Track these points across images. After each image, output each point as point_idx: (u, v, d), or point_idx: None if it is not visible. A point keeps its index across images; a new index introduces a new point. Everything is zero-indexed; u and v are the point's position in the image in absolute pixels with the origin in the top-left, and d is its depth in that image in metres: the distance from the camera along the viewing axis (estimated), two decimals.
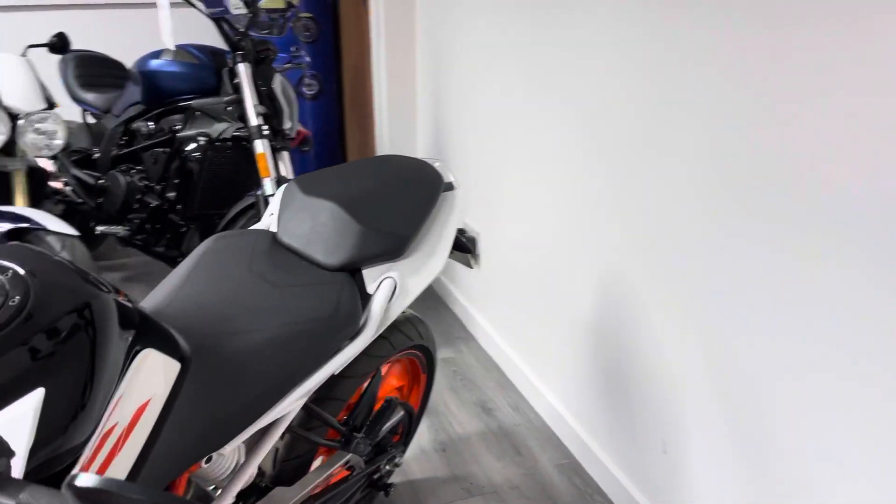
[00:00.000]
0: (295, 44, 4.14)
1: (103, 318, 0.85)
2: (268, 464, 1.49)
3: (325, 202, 1.35)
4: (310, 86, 4.17)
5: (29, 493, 0.57)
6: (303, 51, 4.13)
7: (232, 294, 1.20)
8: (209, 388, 1.06)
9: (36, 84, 2.57)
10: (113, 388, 0.85)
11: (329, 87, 4.23)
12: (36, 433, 0.74)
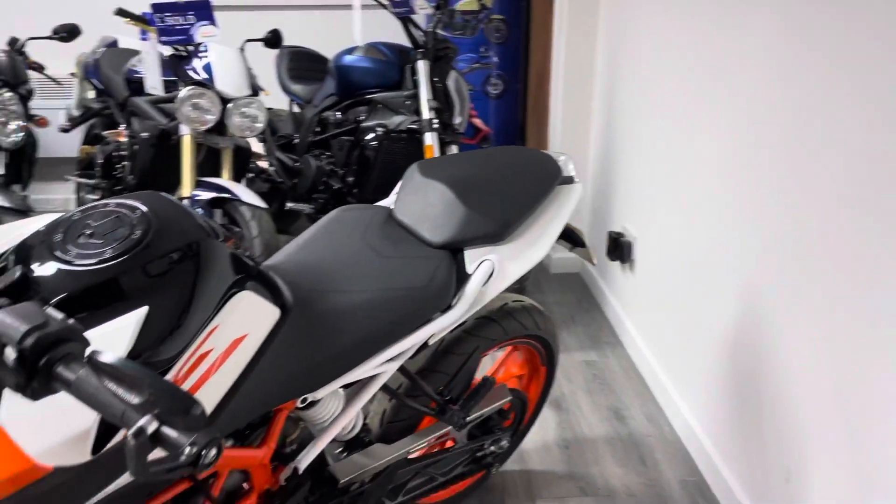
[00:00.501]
0: (484, 44, 4.29)
1: (207, 257, 1.01)
2: (375, 423, 1.62)
3: (438, 184, 1.44)
4: (495, 85, 4.31)
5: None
6: (491, 51, 4.28)
7: (341, 258, 1.33)
8: (305, 336, 1.19)
9: (245, 73, 2.94)
10: (208, 318, 1.00)
11: (513, 87, 4.33)
12: (134, 343, 0.90)
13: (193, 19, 2.89)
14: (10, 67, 3.06)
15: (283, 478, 1.34)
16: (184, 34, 2.88)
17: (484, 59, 4.28)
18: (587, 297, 3.35)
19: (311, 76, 3.87)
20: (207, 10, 2.91)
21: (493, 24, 4.29)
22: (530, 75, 4.38)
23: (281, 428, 1.30)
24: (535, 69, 4.32)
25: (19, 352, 0.65)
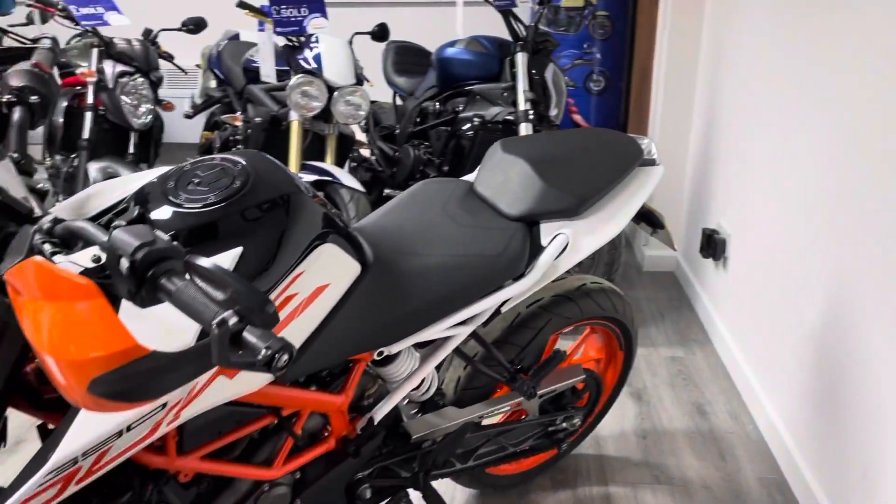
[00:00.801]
0: (588, 41, 4.30)
1: (297, 209, 1.12)
2: (450, 390, 1.70)
3: (518, 160, 1.50)
4: (597, 82, 4.30)
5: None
6: (594, 48, 4.28)
7: (420, 224, 1.42)
8: (382, 293, 1.29)
9: (351, 64, 3.09)
10: (294, 264, 1.11)
11: (616, 84, 4.32)
12: None
13: (306, 11, 3.07)
14: (143, 55, 3.35)
15: (360, 427, 1.44)
16: (297, 25, 3.06)
17: (587, 55, 4.29)
18: (679, 295, 3.31)
19: (415, 70, 4.00)
20: (320, 3, 3.08)
21: (597, 21, 4.29)
22: (633, 72, 4.35)
23: (359, 379, 1.39)
24: (638, 66, 4.28)
25: (131, 263, 0.76)
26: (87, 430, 0.93)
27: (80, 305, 0.76)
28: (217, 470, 1.21)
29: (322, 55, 3.05)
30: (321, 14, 3.10)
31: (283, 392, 1.25)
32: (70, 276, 0.78)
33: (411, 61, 4.05)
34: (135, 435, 0.99)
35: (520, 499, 2.00)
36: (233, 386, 1.10)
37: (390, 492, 1.54)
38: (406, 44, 4.14)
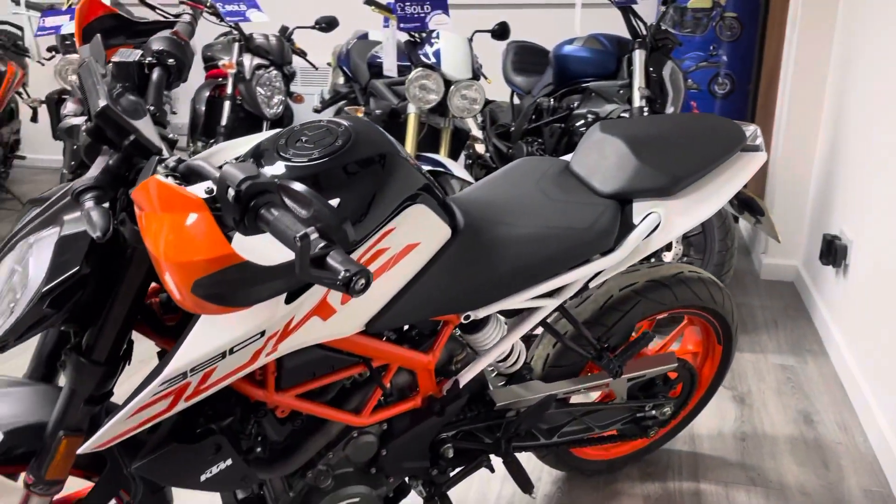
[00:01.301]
0: (714, 42, 4.19)
1: (392, 168, 1.20)
2: (538, 366, 1.74)
3: (614, 139, 1.53)
4: (722, 85, 4.18)
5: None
6: (720, 50, 4.16)
7: (513, 197, 1.48)
8: (470, 257, 1.35)
9: (469, 59, 3.18)
10: (386, 219, 1.19)
11: (742, 87, 4.18)
12: None
13: (429, 8, 3.20)
14: (278, 50, 3.60)
15: (445, 389, 1.51)
16: (419, 22, 3.19)
17: (712, 57, 4.18)
18: (796, 305, 3.17)
19: (533, 69, 4.05)
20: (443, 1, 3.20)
21: (725, 22, 4.17)
22: (762, 76, 4.19)
23: (446, 341, 1.46)
24: (767, 69, 4.13)
25: (236, 192, 0.87)
26: (196, 347, 1.05)
27: (190, 217, 0.88)
28: (310, 410, 1.31)
29: (441, 50, 3.16)
30: (443, 11, 3.21)
31: (373, 344, 1.34)
32: (183, 191, 0.90)
33: (530, 60, 4.11)
34: (237, 360, 1.10)
35: (606, 486, 2.00)
36: (325, 327, 1.19)
37: (472, 455, 1.59)
38: (526, 43, 4.19)
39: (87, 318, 1.12)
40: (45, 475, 1.17)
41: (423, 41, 3.22)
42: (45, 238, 1.07)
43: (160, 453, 1.17)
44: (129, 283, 1.08)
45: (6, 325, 1.06)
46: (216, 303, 0.87)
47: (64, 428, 1.15)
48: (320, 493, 1.42)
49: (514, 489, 1.98)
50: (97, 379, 1.12)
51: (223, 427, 1.22)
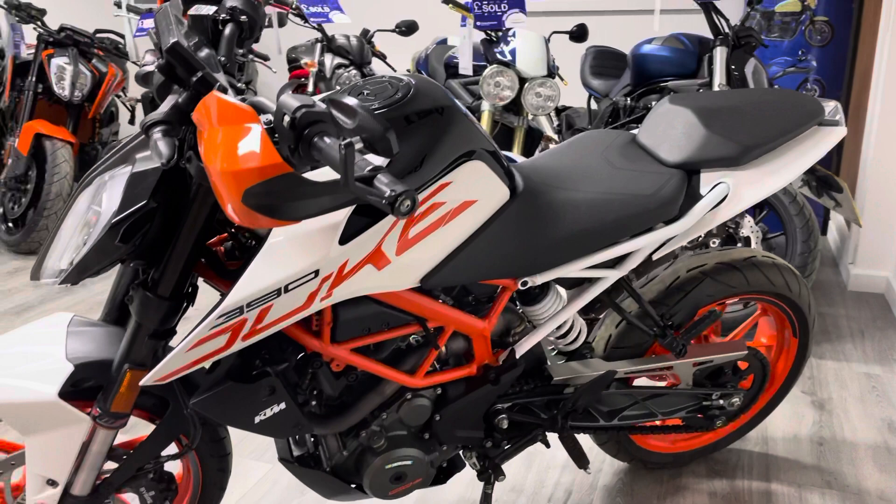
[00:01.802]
0: (803, 47, 4.05)
1: (450, 122, 1.21)
2: (600, 347, 1.70)
3: (683, 109, 1.49)
4: (811, 91, 4.03)
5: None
6: (810, 55, 4.02)
7: (576, 166, 1.46)
8: (528, 221, 1.34)
9: (545, 57, 3.19)
10: (443, 171, 1.20)
11: (832, 93, 4.01)
12: None
13: (506, 7, 3.22)
14: (359, 51, 3.69)
15: (501, 359, 1.49)
16: (496, 20, 3.22)
17: (801, 63, 4.04)
18: (885, 316, 2.99)
19: (611, 72, 4.01)
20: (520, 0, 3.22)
21: (815, 26, 4.03)
22: (854, 82, 4.02)
23: (503, 307, 1.45)
24: (859, 75, 3.95)
25: (291, 119, 0.90)
26: (254, 282, 1.08)
27: (243, 128, 0.91)
28: (364, 366, 1.33)
29: (517, 48, 3.18)
30: (520, 9, 3.23)
31: (429, 304, 1.34)
32: (237, 103, 0.93)
33: (608, 64, 4.07)
34: (292, 300, 1.12)
35: (669, 480, 1.93)
36: (380, 278, 1.21)
37: (528, 428, 1.57)
38: (604, 48, 4.16)
39: (154, 255, 1.17)
40: (110, 407, 1.22)
41: (500, 39, 3.24)
42: (118, 175, 1.13)
43: (217, 391, 1.20)
44: (193, 220, 1.12)
45: (79, 257, 1.12)
46: (266, 214, 0.90)
47: (129, 361, 1.20)
48: (373, 452, 1.42)
49: (573, 477, 1.94)
50: (162, 314, 1.17)
51: (278, 371, 1.25)
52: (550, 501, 1.85)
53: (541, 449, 2.05)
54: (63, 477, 1.27)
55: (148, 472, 1.36)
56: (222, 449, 1.47)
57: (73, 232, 1.16)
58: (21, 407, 1.20)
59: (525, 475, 1.95)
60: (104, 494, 1.33)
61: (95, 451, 1.27)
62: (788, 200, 2.69)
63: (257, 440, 2.11)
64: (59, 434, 1.23)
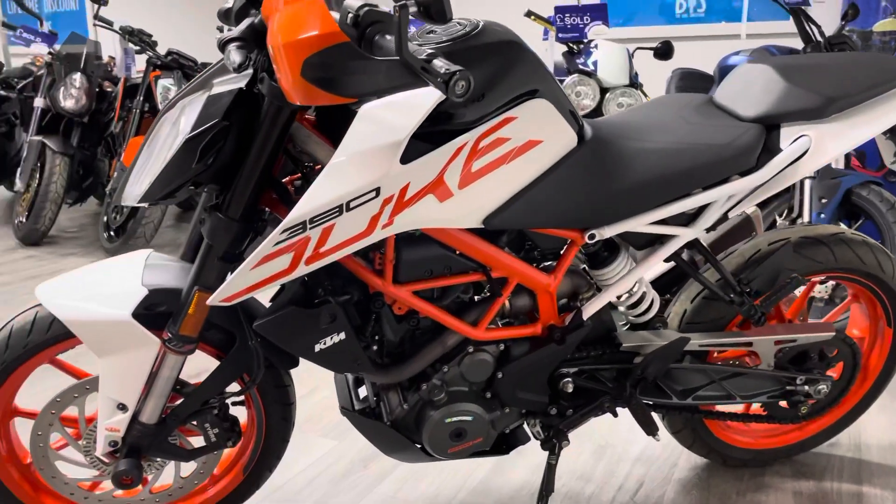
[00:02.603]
0: None
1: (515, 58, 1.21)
2: (674, 322, 1.63)
3: (762, 66, 1.45)
4: None
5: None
6: None
7: (649, 120, 1.43)
8: (595, 169, 1.32)
9: (626, 67, 3.18)
10: (506, 104, 1.20)
11: None
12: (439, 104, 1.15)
13: (588, 19, 3.24)
14: None
15: (567, 320, 1.45)
16: (578, 32, 3.24)
17: None
18: None
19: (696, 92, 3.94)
20: (603, 12, 3.23)
21: None
22: None
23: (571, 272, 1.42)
24: None
25: (354, 16, 0.93)
26: (317, 197, 1.10)
27: (304, 5, 0.95)
28: (426, 310, 1.32)
29: (599, 59, 3.18)
30: (602, 21, 3.24)
31: (493, 252, 1.33)
32: None
33: (694, 85, 4.00)
34: (353, 223, 1.13)
35: (750, 477, 1.81)
36: (442, 210, 1.21)
37: (594, 396, 1.51)
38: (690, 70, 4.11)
39: (226, 179, 1.22)
40: (179, 330, 1.26)
41: (581, 51, 3.26)
42: (195, 100, 1.18)
43: (280, 314, 1.22)
44: (263, 140, 1.16)
45: (155, 175, 1.18)
46: (324, 87, 0.92)
47: (199, 284, 1.24)
48: (433, 406, 1.40)
49: (646, 470, 1.85)
50: (231, 235, 1.21)
51: (340, 302, 1.26)
52: (620, 491, 1.77)
53: (612, 441, 1.97)
54: (132, 401, 1.31)
55: (213, 407, 1.38)
56: (286, 397, 1.49)
57: (152, 156, 1.22)
58: (97, 326, 1.25)
59: (594, 465, 1.87)
60: (171, 425, 1.36)
61: (164, 376, 1.31)
62: (886, 208, 2.54)
63: (325, 419, 2.12)
64: (130, 356, 1.27)
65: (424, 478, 1.82)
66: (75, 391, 1.35)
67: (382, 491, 1.77)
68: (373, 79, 0.95)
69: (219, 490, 1.54)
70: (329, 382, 2.38)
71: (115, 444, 1.33)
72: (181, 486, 1.49)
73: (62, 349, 1.33)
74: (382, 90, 0.98)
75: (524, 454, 1.90)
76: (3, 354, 1.30)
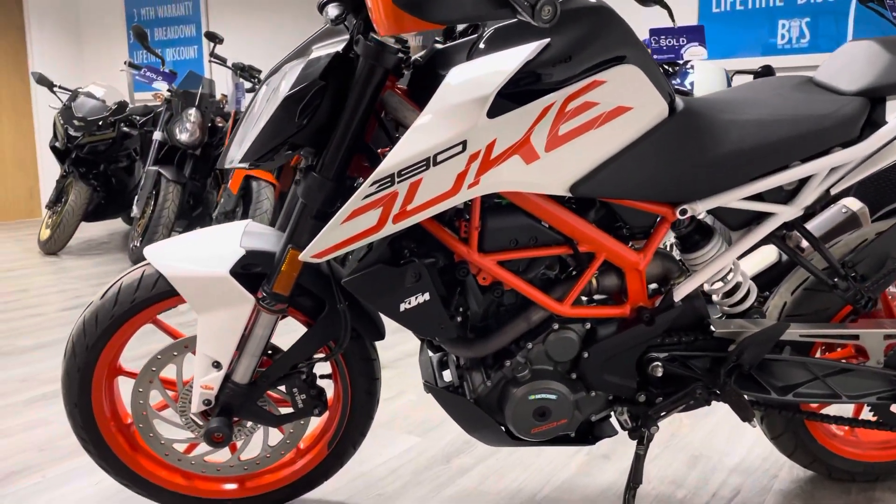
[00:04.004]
0: None
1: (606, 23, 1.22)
2: (773, 315, 1.56)
3: (866, 42, 1.40)
4: None
5: None
6: None
7: (745, 98, 1.41)
8: (687, 141, 1.30)
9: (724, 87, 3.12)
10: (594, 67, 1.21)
11: None
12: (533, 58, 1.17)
13: (684, 41, 3.22)
14: None
15: (657, 302, 1.42)
16: (674, 53, 3.22)
17: None
18: None
19: None
20: (700, 33, 3.21)
21: None
22: None
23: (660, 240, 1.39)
24: None
25: None
26: (405, 149, 1.14)
27: None
28: (511, 281, 1.32)
29: (696, 79, 3.15)
30: (699, 43, 3.21)
31: (580, 224, 1.32)
32: None
33: None
34: (440, 179, 1.16)
35: (859, 491, 1.68)
36: (528, 173, 1.22)
37: (686, 382, 1.45)
38: None
39: (321, 143, 1.27)
40: (272, 288, 1.31)
41: (677, 72, 3.23)
42: (294, 64, 1.26)
43: (367, 271, 1.25)
44: (357, 99, 1.22)
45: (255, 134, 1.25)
46: (414, 12, 0.96)
47: (293, 242, 1.29)
48: (517, 383, 1.39)
49: (743, 479, 1.74)
50: (325, 194, 1.26)
51: (426, 264, 1.28)
52: (714, 497, 1.67)
53: (706, 452, 1.88)
54: (227, 359, 1.36)
55: (301, 372, 1.42)
56: (371, 371, 1.51)
57: (253, 121, 1.30)
58: (197, 282, 1.32)
59: (687, 473, 1.78)
60: (261, 387, 1.40)
61: (257, 335, 1.36)
62: None
63: (411, 418, 2.12)
64: (226, 312, 1.33)
65: (508, 474, 1.78)
66: (174, 349, 1.42)
67: (464, 484, 1.74)
68: (461, 5, 0.98)
69: (305, 463, 1.56)
70: (415, 386, 2.39)
71: (209, 402, 1.39)
72: (269, 454, 1.52)
73: (165, 307, 1.40)
74: (469, 17, 1.01)
75: (611, 459, 1.84)
76: (112, 309, 1.38)
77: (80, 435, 1.46)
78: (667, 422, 2.06)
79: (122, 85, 7.34)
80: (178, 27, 7.31)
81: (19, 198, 7.54)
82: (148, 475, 1.50)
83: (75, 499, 1.67)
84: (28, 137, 7.60)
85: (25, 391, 2.42)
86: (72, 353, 1.41)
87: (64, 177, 5.44)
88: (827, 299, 1.50)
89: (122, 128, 5.43)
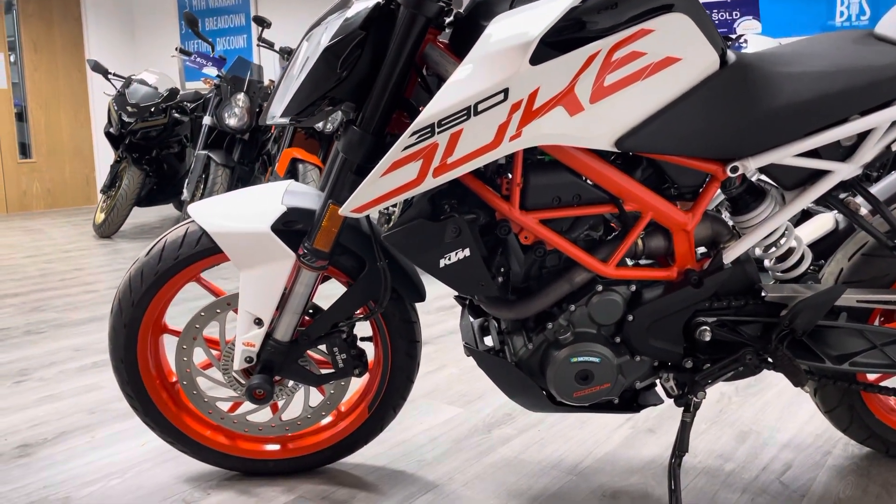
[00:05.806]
0: None
1: None
2: (829, 281, 1.50)
3: None
4: None
5: None
6: None
7: (801, 51, 1.35)
8: (738, 94, 1.25)
9: None
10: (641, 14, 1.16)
11: None
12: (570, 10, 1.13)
13: (738, 14, 3.13)
14: None
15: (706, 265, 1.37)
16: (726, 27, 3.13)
17: None
18: None
19: None
20: (754, 6, 3.11)
21: None
22: None
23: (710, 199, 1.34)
24: None
25: None
26: (445, 98, 1.12)
27: None
28: (553, 240, 1.29)
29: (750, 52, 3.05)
30: (753, 16, 3.12)
31: (626, 181, 1.28)
32: None
33: None
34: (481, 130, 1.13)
35: None
36: (571, 125, 1.18)
37: (735, 347, 1.40)
38: None
39: (362, 98, 1.26)
40: (313, 243, 1.31)
41: (730, 46, 3.14)
42: (337, 16, 1.25)
43: (407, 225, 1.24)
44: (398, 49, 1.20)
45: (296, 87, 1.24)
46: None
47: (333, 197, 1.29)
48: (559, 346, 1.36)
49: (794, 455, 1.68)
50: (365, 148, 1.25)
51: (466, 219, 1.26)
52: (765, 471, 1.62)
53: (756, 428, 1.82)
54: (268, 316, 1.37)
55: (342, 331, 1.42)
56: (412, 333, 1.50)
57: (293, 76, 1.29)
58: (240, 237, 1.33)
59: (736, 447, 1.73)
60: (302, 345, 1.41)
61: (298, 292, 1.36)
62: None
63: (452, 390, 2.11)
64: (268, 268, 1.34)
65: (549, 444, 1.76)
66: (217, 306, 1.43)
67: (504, 453, 1.72)
68: None
69: (346, 426, 1.56)
70: (457, 361, 2.37)
71: (251, 359, 1.39)
72: (309, 415, 1.53)
73: (208, 265, 1.41)
74: None
75: (656, 433, 1.80)
76: (157, 265, 1.40)
77: (126, 391, 1.48)
78: (714, 399, 2.00)
79: (174, 72, 7.49)
80: (228, 16, 7.42)
81: (77, 185, 7.78)
82: (192, 433, 1.52)
83: (122, 458, 1.71)
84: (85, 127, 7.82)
85: (78, 359, 2.48)
86: (118, 309, 1.44)
87: (118, 162, 5.57)
88: (886, 265, 1.43)
89: (173, 114, 5.54)
